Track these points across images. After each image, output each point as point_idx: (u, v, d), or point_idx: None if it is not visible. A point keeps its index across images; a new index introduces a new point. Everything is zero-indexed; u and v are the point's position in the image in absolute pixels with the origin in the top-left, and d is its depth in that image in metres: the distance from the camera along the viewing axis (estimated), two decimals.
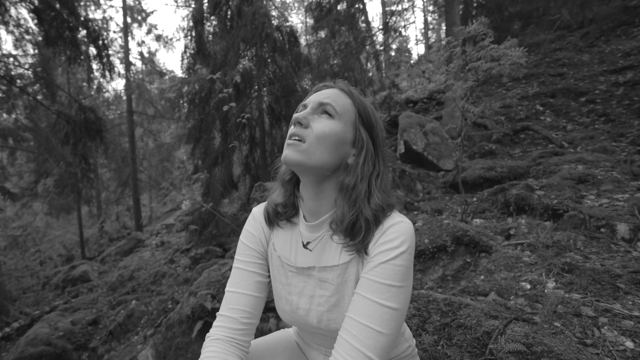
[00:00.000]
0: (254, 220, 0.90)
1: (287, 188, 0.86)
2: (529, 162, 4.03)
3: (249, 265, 0.85)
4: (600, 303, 1.79)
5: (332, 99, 0.76)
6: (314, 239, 0.82)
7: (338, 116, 0.75)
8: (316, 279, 0.80)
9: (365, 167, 0.76)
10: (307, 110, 0.76)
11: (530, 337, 1.24)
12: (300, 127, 0.74)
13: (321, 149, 0.72)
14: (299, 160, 0.72)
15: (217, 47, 7.28)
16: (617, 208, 2.63)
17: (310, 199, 0.79)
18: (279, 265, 0.86)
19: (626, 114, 4.68)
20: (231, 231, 7.00)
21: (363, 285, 0.71)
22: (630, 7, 6.88)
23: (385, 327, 0.66)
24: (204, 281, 2.65)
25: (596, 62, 6.38)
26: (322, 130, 0.73)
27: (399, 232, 0.71)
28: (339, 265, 0.77)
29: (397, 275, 0.68)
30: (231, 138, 6.81)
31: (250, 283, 0.83)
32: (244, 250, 0.87)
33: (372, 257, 0.72)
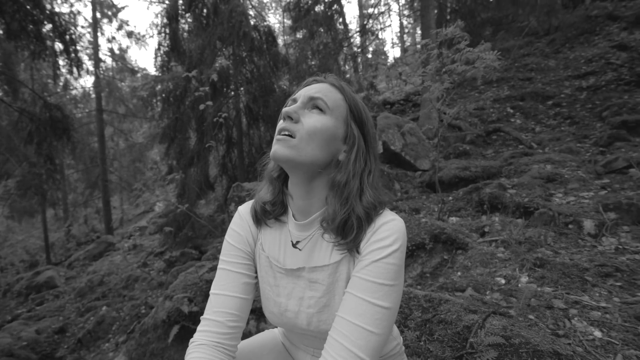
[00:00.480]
0: (240, 219, 0.87)
1: (276, 185, 0.83)
2: (501, 162, 4.17)
3: (235, 266, 0.82)
4: (570, 295, 1.87)
5: (323, 94, 0.74)
6: (304, 238, 0.79)
7: (329, 111, 0.73)
8: (306, 279, 0.78)
9: (356, 164, 0.74)
10: (297, 104, 0.74)
11: (508, 329, 1.27)
12: (290, 121, 0.72)
13: (312, 145, 0.70)
14: (289, 156, 0.69)
15: (193, 44, 7.11)
16: (583, 205, 2.77)
17: (300, 197, 0.77)
18: (267, 266, 0.83)
19: (589, 116, 4.95)
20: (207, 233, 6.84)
21: (354, 284, 0.69)
22: (591, 16, 7.30)
23: (377, 327, 0.65)
24: (180, 284, 2.57)
25: (561, 67, 6.72)
26: (314, 125, 0.71)
27: (391, 230, 0.71)
28: (329, 265, 0.75)
29: (389, 273, 0.68)
30: (207, 138, 6.66)
31: (237, 284, 0.80)
32: (229, 250, 0.84)
33: (364, 255, 0.70)
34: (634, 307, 1.68)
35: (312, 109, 0.73)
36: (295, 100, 0.77)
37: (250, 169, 8.86)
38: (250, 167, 8.88)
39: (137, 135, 15.22)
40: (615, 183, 2.98)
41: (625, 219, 2.46)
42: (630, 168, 3.06)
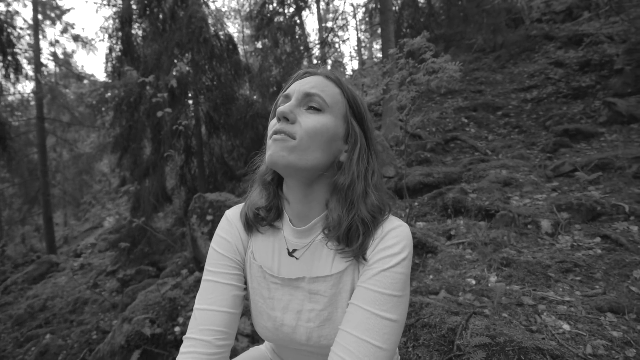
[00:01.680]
0: (228, 225, 0.78)
1: (270, 190, 0.76)
2: (461, 168, 4.38)
3: (223, 277, 0.73)
4: (537, 292, 1.96)
5: (320, 89, 0.67)
6: (302, 246, 0.73)
7: (328, 109, 0.67)
8: (305, 291, 0.71)
9: (359, 164, 0.69)
10: (292, 102, 0.67)
11: (491, 329, 1.29)
12: (286, 122, 0.65)
13: (313, 148, 0.64)
14: (290, 162, 0.63)
15: (148, 50, 6.77)
16: (538, 206, 2.96)
17: (298, 201, 0.71)
18: (260, 276, 0.75)
19: (535, 126, 5.38)
20: (166, 248, 6.44)
21: (361, 295, 0.64)
22: (531, 36, 8.03)
23: (384, 342, 0.60)
24: (140, 305, 2.35)
25: (507, 81, 7.28)
26: (313, 127, 0.64)
27: (400, 237, 0.67)
28: (332, 275, 0.69)
29: (398, 284, 0.63)
30: (165, 147, 6.31)
31: (226, 298, 0.71)
32: (217, 260, 0.75)
33: (371, 264, 0.65)
34: (595, 299, 1.79)
35: (308, 107, 0.67)
36: (288, 97, 0.70)
37: (211, 179, 8.54)
38: (211, 177, 8.56)
39: (84, 145, 14.12)
40: (564, 185, 3.23)
41: (576, 218, 2.66)
42: (576, 171, 3.33)
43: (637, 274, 1.91)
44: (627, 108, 4.33)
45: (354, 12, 18.97)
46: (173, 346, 2.20)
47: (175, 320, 2.31)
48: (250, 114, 6.85)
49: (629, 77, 5.04)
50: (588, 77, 5.96)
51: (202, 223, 4.87)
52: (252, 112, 6.86)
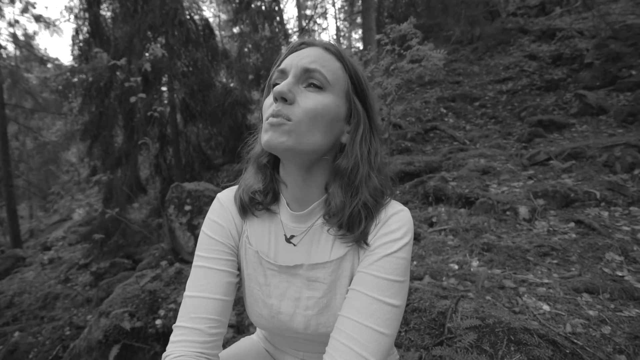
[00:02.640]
0: (221, 209, 0.74)
1: (266, 172, 0.71)
2: (441, 157, 4.45)
3: (217, 263, 0.68)
4: (517, 275, 2.02)
5: (320, 64, 0.61)
6: (301, 231, 0.70)
7: (330, 87, 0.62)
8: (303, 278, 0.68)
9: (363, 146, 0.65)
10: (289, 79, 0.60)
11: (480, 311, 1.31)
12: (284, 103, 0.59)
13: (313, 131, 0.60)
14: (288, 146, 0.58)
15: (119, 32, 6.41)
16: (516, 194, 3.05)
17: (297, 185, 0.67)
18: (256, 262, 0.72)
19: (510, 116, 5.54)
20: (141, 240, 6.23)
21: (362, 281, 0.62)
22: (507, 29, 8.22)
23: (387, 328, 0.59)
24: (117, 298, 2.25)
25: (484, 73, 7.44)
26: (314, 108, 0.59)
27: (402, 221, 0.65)
28: (332, 262, 0.67)
29: (400, 269, 0.62)
30: (139, 134, 6.04)
31: (219, 284, 0.67)
32: (210, 245, 0.70)
33: (373, 249, 0.63)
34: (571, 281, 1.87)
35: (307, 84, 0.61)
36: (284, 72, 0.63)
37: (187, 169, 8.30)
38: (187, 167, 8.32)
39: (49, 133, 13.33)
40: (539, 173, 3.35)
41: (551, 204, 2.76)
42: (550, 160, 3.46)
43: (609, 256, 2.01)
44: (597, 100, 4.52)
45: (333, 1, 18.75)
46: (154, 340, 2.13)
47: (156, 313, 2.23)
48: (228, 102, 6.66)
49: (598, 71, 5.26)
50: (560, 70, 6.18)
51: (180, 213, 4.73)
52: (231, 100, 6.68)
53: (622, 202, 2.57)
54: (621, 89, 4.67)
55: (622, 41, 5.19)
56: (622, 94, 4.59)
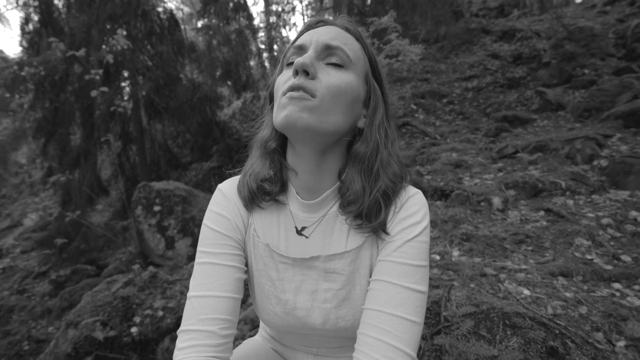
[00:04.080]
0: (225, 200, 0.68)
1: (275, 159, 0.66)
2: (415, 152, 4.55)
3: (224, 258, 0.63)
4: (497, 263, 2.10)
5: (342, 41, 0.59)
6: (312, 222, 0.66)
7: (352, 66, 0.59)
8: (320, 270, 0.64)
9: (381, 131, 0.63)
10: (310, 53, 0.56)
11: (473, 298, 1.33)
12: (305, 77, 0.55)
13: (335, 110, 0.56)
14: (310, 124, 0.54)
15: (75, 22, 5.95)
16: (488, 185, 3.18)
17: (309, 172, 0.63)
18: (267, 256, 0.67)
19: (476, 113, 5.77)
20: (105, 244, 5.87)
21: (386, 269, 0.59)
22: (470, 29, 8.55)
23: (418, 315, 0.57)
24: (87, 307, 2.09)
25: (451, 71, 7.71)
26: (337, 85, 0.56)
27: (419, 204, 0.63)
28: (350, 252, 0.63)
29: (423, 253, 0.60)
30: (100, 132, 5.67)
31: (229, 281, 0.61)
32: (215, 239, 0.64)
33: (394, 235, 0.61)
34: (547, 266, 1.97)
35: (328, 61, 0.58)
36: (302, 48, 0.59)
37: (153, 168, 7.93)
38: (153, 166, 7.95)
39: None
40: (508, 166, 3.51)
41: (522, 195, 2.90)
42: (517, 153, 3.64)
43: (578, 241, 2.13)
44: (555, 97, 4.82)
45: None
46: (130, 349, 2.00)
47: (130, 320, 2.09)
48: (197, 97, 6.41)
49: (555, 70, 5.61)
50: (520, 69, 6.52)
51: (148, 214, 4.49)
52: (200, 95, 6.44)
53: (584, 191, 2.75)
54: (576, 87, 5.01)
55: (575, 42, 5.56)
56: (577, 91, 4.92)
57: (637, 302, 1.58)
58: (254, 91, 8.15)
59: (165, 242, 4.30)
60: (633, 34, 5.75)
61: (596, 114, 4.15)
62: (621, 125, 3.65)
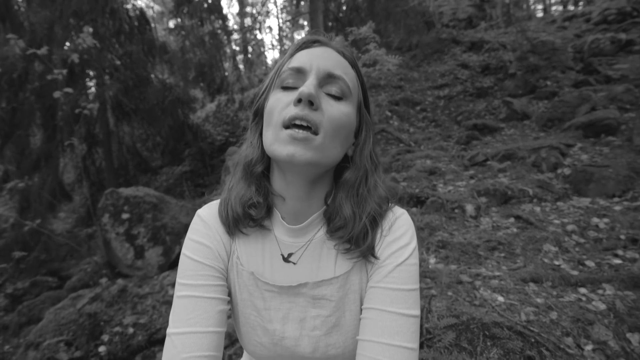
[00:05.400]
0: (205, 227, 0.64)
1: (261, 183, 0.63)
2: (390, 159, 4.63)
3: (207, 290, 0.59)
4: (472, 270, 2.16)
5: (343, 71, 0.57)
6: (298, 247, 0.63)
7: (350, 97, 0.58)
8: (308, 297, 0.62)
9: (369, 158, 0.63)
10: (313, 81, 0.54)
11: (452, 309, 1.36)
12: (309, 107, 0.53)
13: (335, 143, 0.55)
14: (312, 161, 0.53)
15: (36, 17, 5.60)
16: (461, 192, 3.28)
17: (297, 199, 0.61)
18: (252, 285, 0.63)
19: (448, 120, 5.97)
20: (68, 253, 5.52)
21: (379, 296, 0.58)
22: (441, 39, 8.87)
23: (414, 341, 0.56)
24: (50, 325, 1.95)
25: (423, 79, 7.94)
26: (339, 119, 0.55)
27: (406, 225, 0.62)
28: (338, 277, 0.62)
29: (414, 276, 0.59)
30: (63, 134, 5.35)
31: (211, 315, 0.58)
32: (196, 270, 0.60)
33: (383, 260, 0.60)
34: (518, 272, 2.05)
35: (328, 91, 0.56)
36: (301, 71, 0.56)
37: (121, 172, 7.59)
38: (121, 170, 7.61)
39: None
40: (479, 173, 3.64)
41: (493, 202, 3.02)
42: (488, 161, 3.78)
43: (546, 247, 2.24)
44: (521, 107, 5.07)
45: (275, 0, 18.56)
46: None
47: (98, 339, 1.97)
48: (169, 99, 6.20)
49: (520, 81, 5.91)
50: (488, 79, 6.82)
51: (116, 222, 4.28)
52: (172, 98, 6.23)
53: (550, 198, 2.90)
54: (540, 97, 5.30)
55: (539, 55, 5.89)
56: (541, 102, 5.21)
57: (602, 307, 1.68)
58: (228, 94, 8.01)
59: (134, 251, 4.10)
60: (589, 49, 6.17)
61: (558, 124, 4.40)
62: (581, 135, 3.89)
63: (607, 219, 2.44)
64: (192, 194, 6.94)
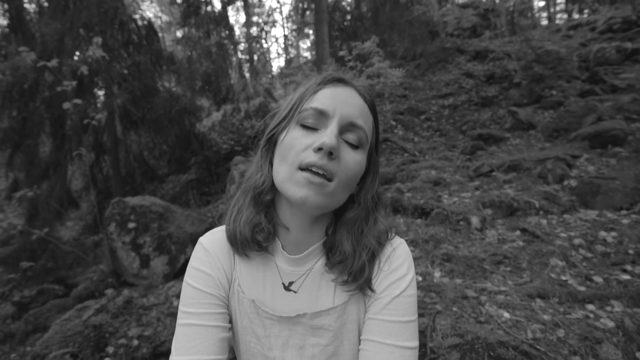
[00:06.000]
0: (207, 255, 0.65)
1: (270, 213, 0.65)
2: (395, 169, 4.62)
3: (207, 319, 0.60)
4: (477, 284, 2.14)
5: (364, 120, 0.58)
6: (299, 275, 0.65)
7: (366, 145, 0.60)
8: (307, 326, 0.64)
9: (373, 198, 0.64)
10: (334, 130, 0.54)
11: (457, 327, 1.35)
12: (329, 158, 0.53)
13: (345, 190, 0.58)
14: (321, 205, 0.55)
15: (47, 29, 5.74)
16: (466, 204, 3.26)
17: (301, 230, 0.62)
18: (253, 312, 0.65)
19: (453, 129, 5.96)
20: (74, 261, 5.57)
21: (377, 328, 0.59)
22: (446, 48, 8.90)
23: None
24: (55, 337, 1.96)
25: (428, 88, 7.95)
26: (353, 169, 0.57)
27: (403, 256, 0.64)
28: (336, 307, 0.63)
29: (412, 307, 0.60)
30: (72, 143, 5.43)
31: (212, 343, 0.59)
32: (197, 298, 0.61)
33: (381, 292, 0.61)
34: (525, 287, 2.03)
35: (346, 138, 0.57)
36: (323, 114, 0.56)
37: (128, 180, 7.66)
38: (128, 178, 7.69)
39: None
40: (484, 184, 3.62)
41: (498, 214, 3.00)
42: (493, 172, 3.77)
43: (553, 262, 2.21)
44: (526, 116, 5.05)
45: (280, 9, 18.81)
46: None
47: (103, 351, 1.98)
48: (176, 109, 6.29)
49: (525, 90, 5.90)
50: (493, 88, 6.82)
51: (122, 231, 4.31)
52: (178, 107, 6.31)
53: (557, 210, 2.87)
54: (545, 107, 5.28)
55: (543, 64, 5.89)
56: (547, 111, 5.19)
57: (610, 324, 1.65)
58: (234, 103, 8.10)
59: (140, 260, 4.12)
60: (595, 58, 6.16)
61: (564, 134, 4.38)
62: (587, 146, 3.86)
63: (615, 232, 2.41)
64: (198, 202, 6.98)
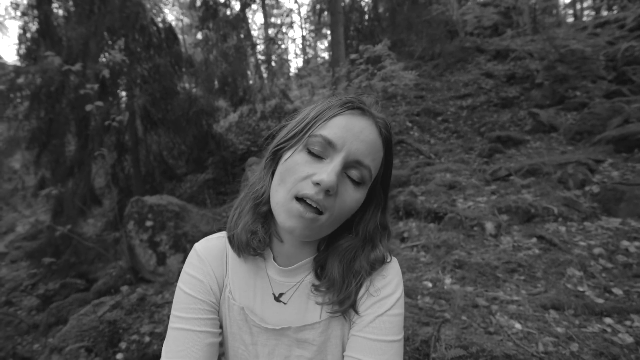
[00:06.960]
0: (200, 262, 0.67)
1: (267, 222, 0.65)
2: (409, 172, 4.56)
3: (197, 324, 0.62)
4: (489, 292, 2.09)
5: (372, 157, 0.56)
6: (289, 287, 0.65)
7: (368, 182, 0.58)
8: (292, 338, 0.64)
9: (379, 228, 0.63)
10: (337, 167, 0.52)
11: (462, 338, 1.32)
12: (325, 195, 0.52)
13: (335, 223, 0.57)
14: (309, 236, 0.56)
15: (73, 33, 5.98)
16: (481, 209, 3.18)
17: (293, 244, 0.63)
18: (241, 319, 0.66)
19: (471, 131, 5.83)
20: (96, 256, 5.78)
21: (359, 346, 0.58)
22: (465, 47, 8.71)
23: None
24: (72, 331, 2.04)
25: (445, 88, 7.81)
26: (349, 207, 0.56)
27: (392, 274, 0.62)
28: (321, 322, 0.63)
29: (396, 327, 0.59)
30: (95, 144, 5.64)
31: (200, 347, 0.60)
32: (188, 304, 0.63)
33: (365, 310, 0.60)
34: (538, 297, 1.96)
35: (349, 173, 0.55)
36: (331, 145, 0.54)
37: (148, 179, 7.89)
38: (148, 177, 7.91)
39: None
40: (501, 189, 3.53)
41: (514, 220, 2.91)
42: (510, 176, 3.66)
43: (570, 272, 2.13)
44: (548, 118, 4.88)
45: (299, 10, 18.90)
46: None
47: (116, 346, 2.05)
48: (194, 110, 6.43)
49: (547, 91, 5.70)
50: (514, 88, 6.62)
51: (140, 229, 4.44)
52: (196, 108, 6.45)
53: (576, 217, 2.76)
54: (568, 109, 5.09)
55: (567, 64, 5.67)
56: (570, 113, 5.00)
57: (629, 340, 1.58)
58: (250, 104, 8.20)
59: (156, 258, 4.24)
60: (623, 57, 5.88)
61: (588, 137, 4.21)
62: (612, 150, 3.70)
63: (638, 242, 2.30)
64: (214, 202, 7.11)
